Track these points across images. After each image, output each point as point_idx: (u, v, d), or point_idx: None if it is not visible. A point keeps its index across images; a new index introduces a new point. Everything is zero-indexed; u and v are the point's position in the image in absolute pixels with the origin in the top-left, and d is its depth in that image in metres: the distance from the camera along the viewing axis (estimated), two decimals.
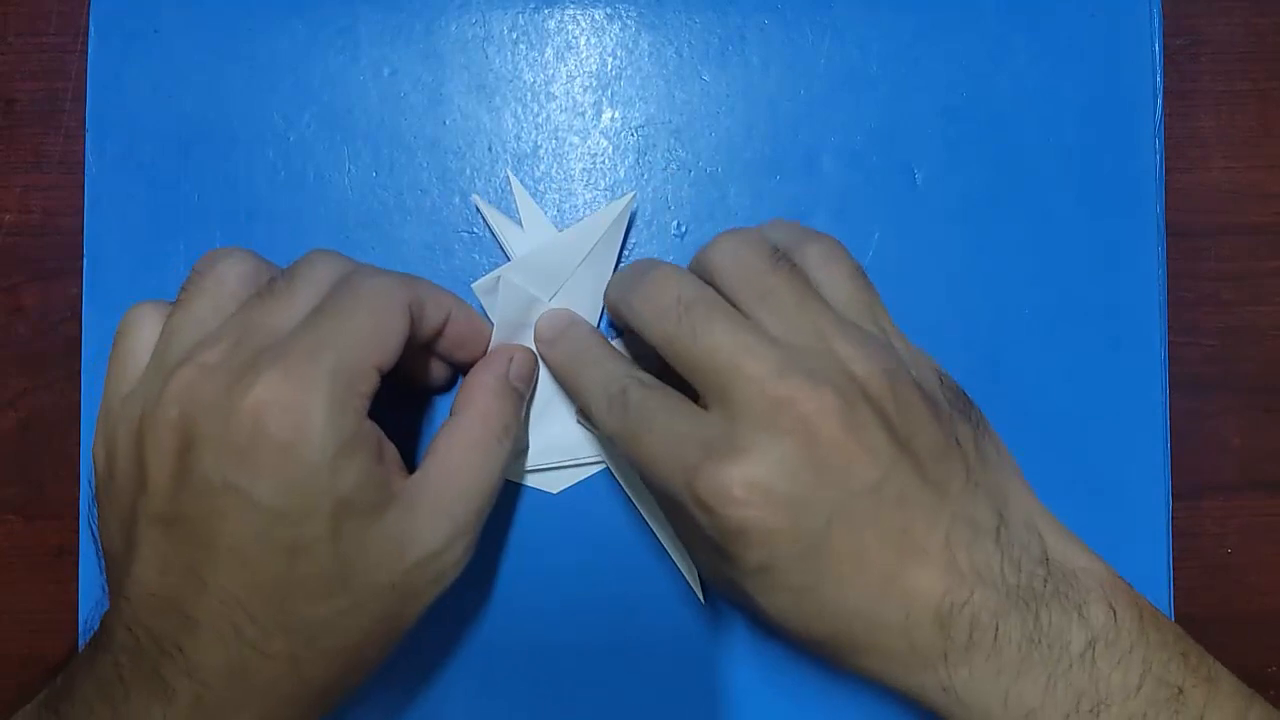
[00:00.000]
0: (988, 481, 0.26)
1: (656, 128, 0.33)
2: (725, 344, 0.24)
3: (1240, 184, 0.35)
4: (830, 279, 0.27)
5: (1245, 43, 0.35)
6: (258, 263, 0.27)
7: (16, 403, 0.33)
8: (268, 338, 0.25)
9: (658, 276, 0.26)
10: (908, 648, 0.24)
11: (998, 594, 0.24)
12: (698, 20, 0.33)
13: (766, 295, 0.26)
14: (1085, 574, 0.25)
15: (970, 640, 0.24)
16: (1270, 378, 0.34)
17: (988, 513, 0.25)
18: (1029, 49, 0.33)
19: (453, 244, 0.33)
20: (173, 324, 0.26)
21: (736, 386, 0.24)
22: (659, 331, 0.26)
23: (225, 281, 0.26)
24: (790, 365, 0.24)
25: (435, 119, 0.33)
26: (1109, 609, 0.25)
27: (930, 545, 0.24)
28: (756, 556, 0.24)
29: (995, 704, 0.24)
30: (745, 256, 0.27)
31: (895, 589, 0.24)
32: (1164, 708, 0.24)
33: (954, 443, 0.25)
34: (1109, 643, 0.24)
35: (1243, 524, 0.34)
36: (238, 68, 0.33)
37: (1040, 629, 0.24)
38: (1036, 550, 0.25)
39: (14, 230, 0.34)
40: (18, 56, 0.34)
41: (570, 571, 0.32)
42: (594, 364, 0.29)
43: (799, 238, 0.28)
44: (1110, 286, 0.33)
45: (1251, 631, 0.34)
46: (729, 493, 0.23)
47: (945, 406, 0.26)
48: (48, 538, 0.33)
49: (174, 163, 0.32)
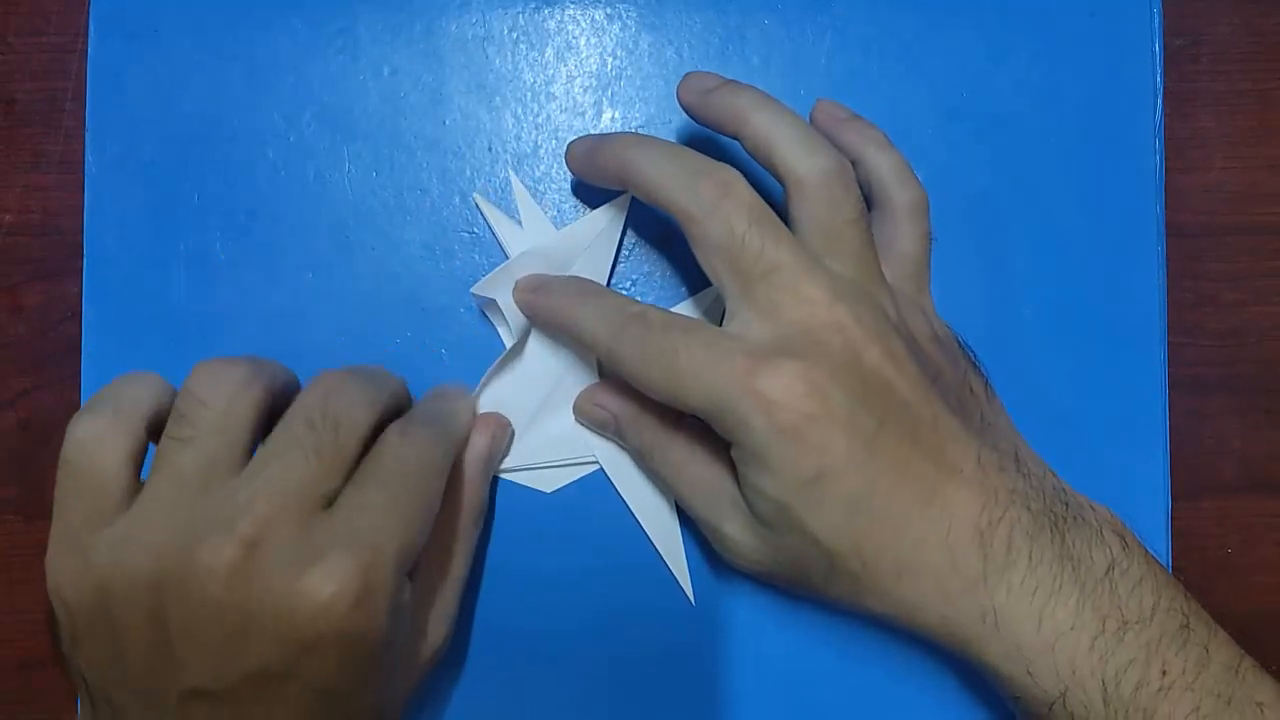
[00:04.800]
0: (999, 424, 0.29)
1: (656, 128, 0.33)
2: (788, 263, 0.26)
3: (1240, 184, 0.35)
4: (902, 236, 0.30)
5: (1245, 43, 0.35)
6: (264, 383, 0.25)
7: (16, 403, 0.33)
8: (314, 507, 0.23)
9: (730, 179, 0.26)
10: (949, 566, 0.25)
11: (1029, 513, 0.25)
12: (698, 20, 0.33)
13: (837, 237, 0.27)
14: (1092, 509, 0.27)
15: (1007, 558, 0.25)
16: (1270, 378, 0.34)
17: (1007, 446, 0.28)
18: (1029, 49, 0.33)
19: (453, 244, 0.33)
20: (179, 462, 0.23)
21: (792, 306, 0.25)
22: (723, 232, 0.26)
23: (237, 414, 0.24)
24: (842, 296, 0.26)
25: (435, 119, 0.33)
26: (1120, 538, 0.26)
27: (965, 465, 0.26)
28: (812, 462, 0.25)
29: (1029, 628, 0.25)
30: (839, 198, 0.27)
31: (937, 501, 0.25)
32: (1175, 636, 0.25)
33: (968, 389, 0.29)
34: (1123, 570, 0.25)
35: (1243, 525, 0.34)
36: (238, 68, 0.33)
37: (1068, 549, 0.25)
38: (1052, 481, 0.28)
39: (14, 230, 0.34)
40: (18, 56, 0.34)
41: (563, 571, 0.32)
42: (595, 296, 0.29)
43: (900, 181, 0.30)
44: (1110, 286, 0.33)
45: (1251, 632, 0.34)
46: (793, 388, 0.24)
47: (963, 360, 0.29)
48: (47, 538, 0.33)
49: (174, 163, 0.32)
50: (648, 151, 0.27)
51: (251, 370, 0.24)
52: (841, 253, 0.27)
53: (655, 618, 0.32)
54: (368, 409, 0.25)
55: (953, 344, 0.30)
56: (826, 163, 0.27)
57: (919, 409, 0.26)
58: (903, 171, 0.30)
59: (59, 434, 0.33)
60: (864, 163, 0.30)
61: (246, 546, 0.22)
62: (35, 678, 0.33)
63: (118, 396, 0.24)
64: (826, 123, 0.31)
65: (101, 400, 0.24)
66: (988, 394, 0.30)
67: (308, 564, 0.22)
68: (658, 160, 0.27)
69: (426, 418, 0.27)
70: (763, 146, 0.27)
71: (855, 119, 0.31)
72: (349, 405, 0.25)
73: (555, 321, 0.29)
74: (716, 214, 0.26)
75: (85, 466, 0.23)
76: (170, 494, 0.23)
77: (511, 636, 0.32)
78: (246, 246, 0.32)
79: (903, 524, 0.25)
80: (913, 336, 0.27)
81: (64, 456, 0.24)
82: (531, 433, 0.31)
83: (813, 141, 0.27)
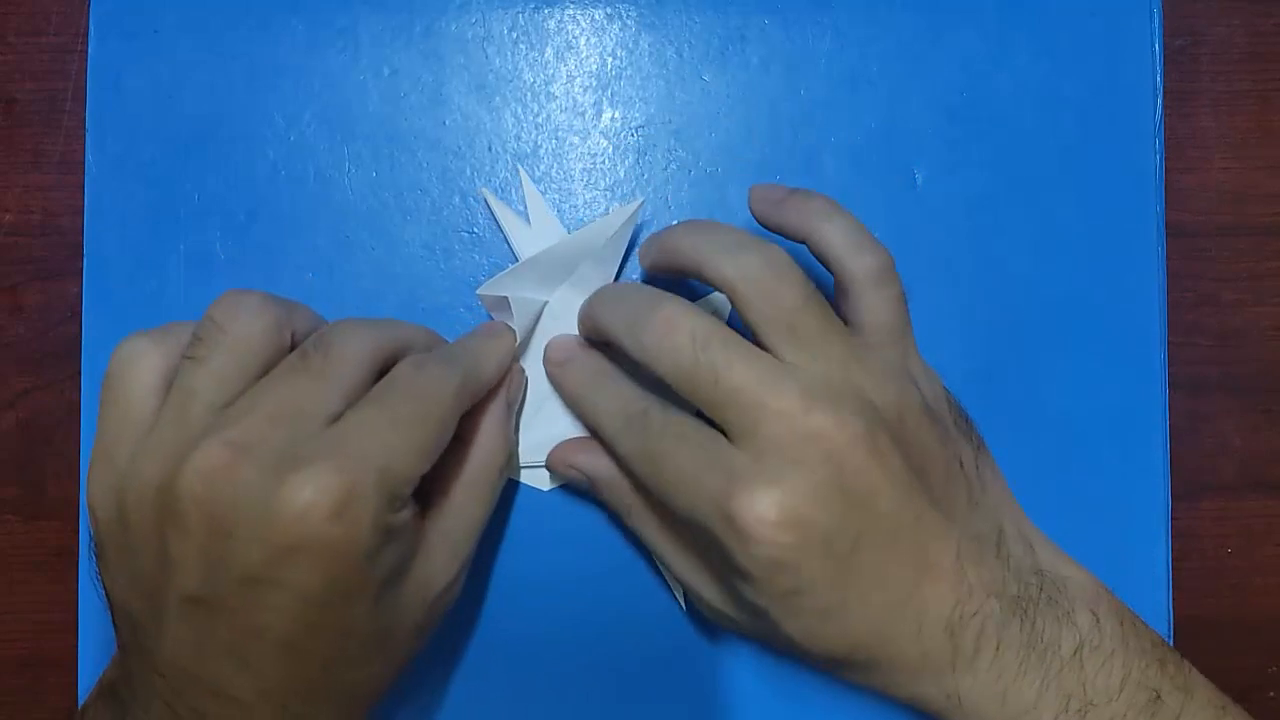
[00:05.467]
0: (985, 501, 0.28)
1: (656, 128, 0.33)
2: (748, 382, 0.25)
3: (1240, 184, 0.35)
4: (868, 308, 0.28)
5: (1245, 43, 0.35)
6: (279, 314, 0.26)
7: (16, 403, 0.33)
8: (307, 423, 0.24)
9: (668, 315, 0.26)
10: (919, 657, 0.25)
11: (1001, 603, 0.26)
12: (698, 20, 0.33)
13: (793, 330, 0.26)
14: (1071, 583, 0.27)
15: (977, 648, 0.25)
16: (1270, 379, 0.34)
17: (990, 528, 0.27)
18: (1029, 49, 0.33)
19: (453, 244, 0.33)
20: (191, 380, 0.24)
21: (764, 422, 0.24)
22: (674, 371, 0.25)
23: (249, 337, 0.25)
24: (814, 398, 0.24)
25: (435, 119, 0.33)
26: (1092, 615, 0.26)
27: (944, 561, 0.25)
28: (787, 582, 0.25)
29: (994, 706, 0.26)
30: (774, 289, 0.26)
31: (912, 603, 0.25)
32: (1143, 711, 0.25)
33: (958, 465, 0.27)
34: (1094, 647, 0.26)
35: (1243, 525, 0.34)
36: (238, 68, 0.33)
37: (1036, 634, 0.26)
38: (1030, 561, 0.27)
39: (14, 230, 0.34)
40: (18, 56, 0.34)
41: (560, 570, 0.32)
42: (610, 384, 0.29)
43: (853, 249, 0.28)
44: (1110, 286, 0.33)
45: (1251, 632, 0.34)
46: (766, 521, 0.24)
47: (952, 430, 0.28)
48: (48, 538, 0.33)
49: (174, 163, 0.32)
50: (600, 301, 0.29)
51: (268, 300, 0.26)
52: (805, 346, 0.26)
53: (653, 617, 0.32)
54: (366, 340, 0.26)
55: (943, 407, 0.28)
56: (752, 259, 0.26)
57: (901, 513, 0.25)
58: (854, 237, 0.28)
59: (59, 434, 0.33)
60: (812, 238, 0.28)
61: (235, 451, 0.23)
62: (36, 677, 0.33)
63: (163, 327, 0.26)
64: (763, 208, 0.29)
65: (152, 329, 0.26)
66: (978, 460, 0.28)
67: (290, 470, 0.23)
68: (609, 307, 0.28)
69: (448, 354, 0.28)
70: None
71: (793, 195, 0.29)
72: (345, 335, 0.26)
73: (573, 403, 0.31)
74: (663, 354, 0.26)
75: (121, 381, 0.25)
76: (181, 409, 0.24)
77: (506, 634, 0.32)
78: (246, 246, 0.32)
79: (877, 625, 0.25)
80: (900, 417, 0.26)
81: (106, 373, 0.25)
82: (531, 432, 0.31)
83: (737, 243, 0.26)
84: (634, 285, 0.28)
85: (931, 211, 0.33)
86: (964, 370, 0.32)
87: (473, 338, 0.30)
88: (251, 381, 0.25)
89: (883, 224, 0.33)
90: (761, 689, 0.32)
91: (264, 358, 0.25)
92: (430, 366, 0.26)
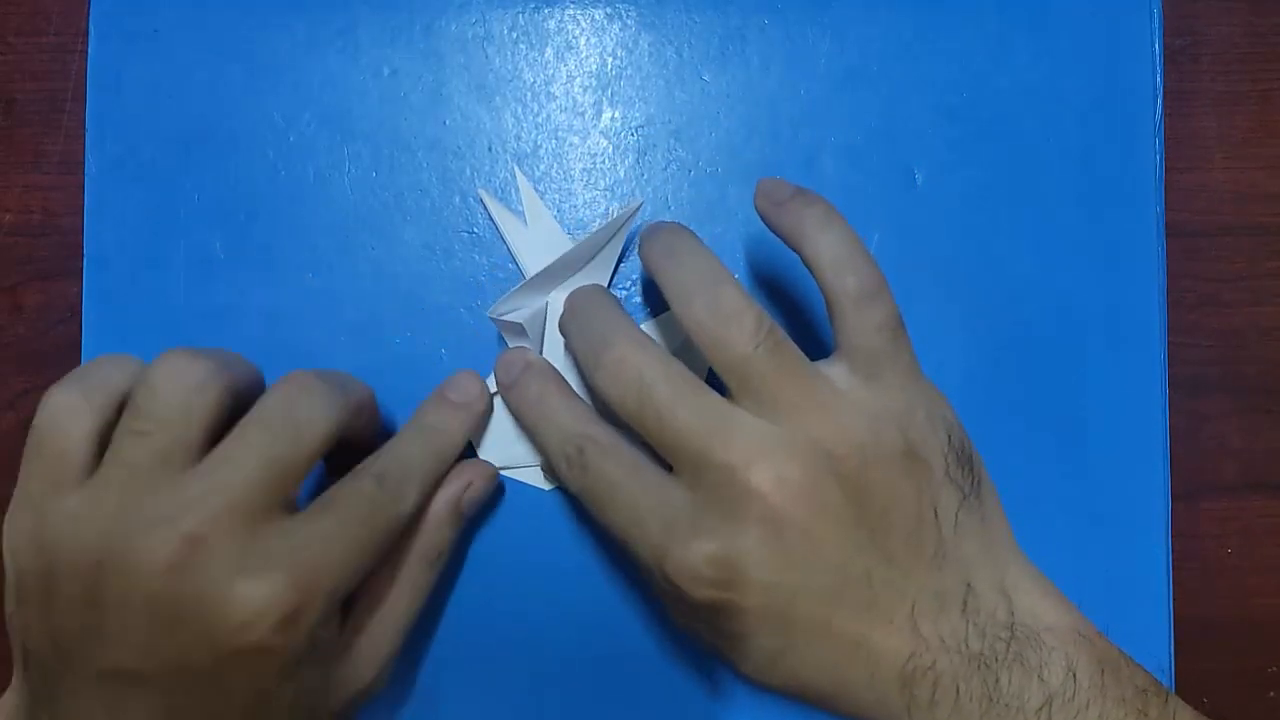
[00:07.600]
0: (959, 552, 0.26)
1: (656, 128, 0.33)
2: (693, 431, 0.25)
3: (1240, 184, 0.34)
4: (850, 330, 0.26)
5: (1245, 43, 0.35)
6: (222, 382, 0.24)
7: (16, 403, 0.33)
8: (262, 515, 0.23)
9: (619, 357, 0.25)
10: (874, 702, 0.25)
11: (961, 659, 0.25)
12: (698, 20, 0.33)
13: (744, 380, 0.25)
14: (1050, 633, 0.26)
15: (933, 700, 0.25)
16: (1270, 379, 0.34)
17: (955, 583, 0.26)
18: (1029, 49, 0.33)
19: (453, 244, 0.33)
20: (134, 455, 0.24)
21: (705, 471, 0.24)
22: (622, 411, 0.26)
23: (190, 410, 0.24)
24: (759, 451, 0.24)
25: (435, 119, 0.33)
26: (1067, 668, 0.25)
27: (896, 616, 0.25)
28: (730, 626, 0.25)
29: None
30: (721, 337, 0.25)
31: (861, 653, 0.25)
32: None
33: (931, 515, 0.26)
34: (1065, 700, 0.25)
35: (1243, 526, 0.34)
36: (238, 68, 0.33)
37: (1000, 690, 0.25)
38: (1003, 615, 0.26)
39: (14, 230, 0.34)
40: (18, 56, 0.34)
41: (559, 567, 0.32)
42: (549, 417, 0.28)
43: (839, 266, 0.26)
44: (1110, 286, 0.33)
45: (1252, 633, 0.34)
46: (699, 574, 0.24)
47: (939, 474, 0.26)
48: None
49: (174, 163, 0.32)
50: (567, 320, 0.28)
51: (212, 367, 0.24)
52: (755, 394, 0.25)
53: (652, 616, 0.32)
54: (328, 420, 0.25)
55: (934, 447, 0.26)
56: (699, 304, 0.25)
57: (847, 567, 0.24)
58: (842, 254, 0.26)
59: None
60: (802, 250, 0.26)
61: (189, 544, 0.23)
62: None
63: (94, 374, 0.25)
64: (765, 207, 0.27)
65: (78, 375, 0.25)
66: (962, 508, 0.26)
67: (245, 574, 0.23)
68: (572, 330, 0.28)
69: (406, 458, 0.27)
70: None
71: (794, 198, 0.27)
72: (309, 413, 0.25)
73: (521, 420, 0.30)
74: (611, 395, 0.26)
75: (51, 435, 0.24)
76: (122, 482, 0.23)
77: (506, 631, 0.32)
78: (246, 246, 0.32)
79: (827, 670, 0.25)
80: (862, 466, 0.25)
81: (34, 423, 0.24)
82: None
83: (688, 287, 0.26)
84: (600, 304, 0.28)
85: (931, 211, 0.33)
86: (964, 370, 0.32)
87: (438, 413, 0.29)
88: (195, 456, 0.24)
89: (882, 224, 0.33)
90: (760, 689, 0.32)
91: (210, 431, 0.24)
92: (391, 486, 0.26)
